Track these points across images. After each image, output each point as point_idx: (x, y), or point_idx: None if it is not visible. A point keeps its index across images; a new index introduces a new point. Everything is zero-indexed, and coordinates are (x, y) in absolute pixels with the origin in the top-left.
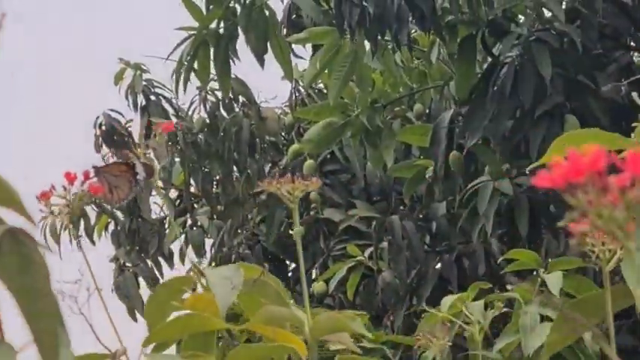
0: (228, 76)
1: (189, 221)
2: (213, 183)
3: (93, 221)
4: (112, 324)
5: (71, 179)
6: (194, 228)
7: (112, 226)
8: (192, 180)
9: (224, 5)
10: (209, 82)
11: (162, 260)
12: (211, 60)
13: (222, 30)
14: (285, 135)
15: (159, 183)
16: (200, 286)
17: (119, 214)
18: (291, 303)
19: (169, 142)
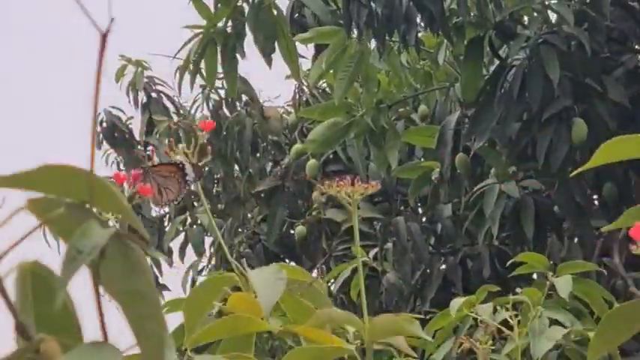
0: (235, 76)
1: (189, 219)
2: (214, 181)
3: None
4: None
5: (120, 180)
6: (194, 226)
7: (111, 224)
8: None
9: (232, 4)
10: (214, 81)
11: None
12: (218, 59)
13: (229, 29)
14: (288, 134)
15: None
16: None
17: None
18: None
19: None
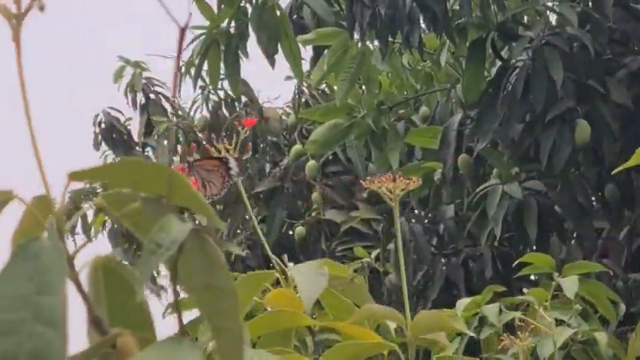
0: (238, 76)
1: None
2: None
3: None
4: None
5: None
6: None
7: (109, 224)
8: None
9: (235, 5)
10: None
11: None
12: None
13: (232, 30)
14: (287, 135)
15: None
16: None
17: None
18: None
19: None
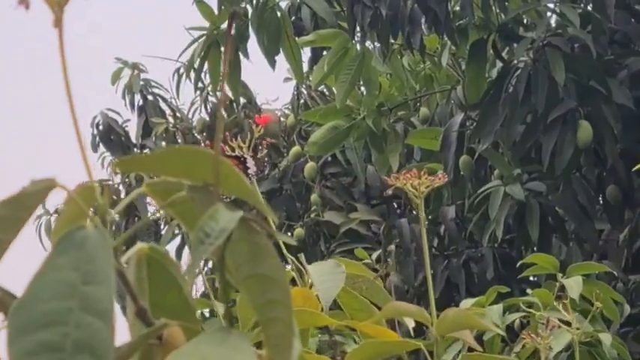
0: (238, 78)
1: None
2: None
3: None
4: None
5: None
6: None
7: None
8: None
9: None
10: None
11: None
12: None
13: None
14: (286, 137)
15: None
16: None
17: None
18: None
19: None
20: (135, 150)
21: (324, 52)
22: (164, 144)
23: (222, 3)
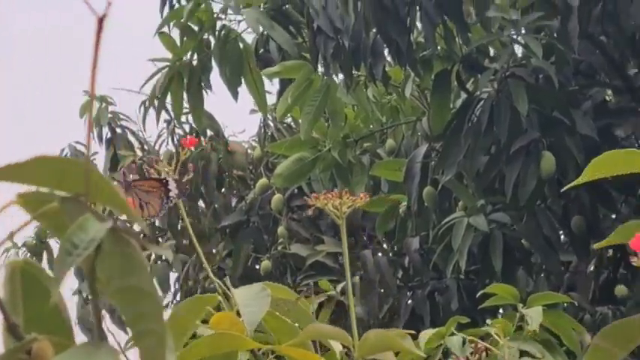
0: (201, 109)
1: (153, 255)
2: (178, 217)
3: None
4: None
5: None
6: (158, 262)
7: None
8: None
9: (198, 37)
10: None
11: None
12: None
13: (195, 62)
14: (253, 169)
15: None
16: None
17: None
18: None
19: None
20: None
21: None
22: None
23: (184, 34)
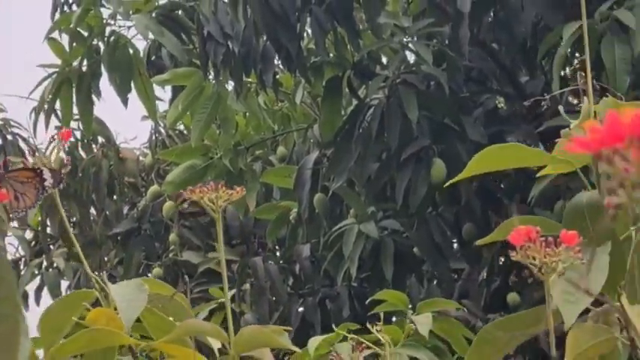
0: (90, 116)
1: (45, 262)
2: (70, 224)
3: None
4: None
5: None
6: (50, 269)
7: None
8: (48, 221)
9: (87, 43)
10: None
11: None
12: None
13: (85, 68)
14: (145, 176)
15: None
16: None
17: None
18: None
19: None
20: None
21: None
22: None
23: (73, 40)
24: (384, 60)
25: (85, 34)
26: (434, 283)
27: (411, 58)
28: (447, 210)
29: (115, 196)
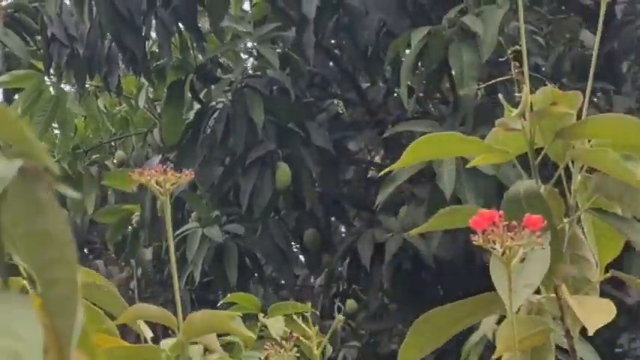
0: None
1: None
2: None
3: None
4: None
5: None
6: None
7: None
8: None
9: None
10: None
11: None
12: None
13: None
14: None
15: None
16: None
17: None
18: None
19: None
20: None
21: (16, 95)
22: None
23: None
24: (228, 64)
25: None
26: (269, 287)
27: (252, 62)
28: (288, 215)
29: None
